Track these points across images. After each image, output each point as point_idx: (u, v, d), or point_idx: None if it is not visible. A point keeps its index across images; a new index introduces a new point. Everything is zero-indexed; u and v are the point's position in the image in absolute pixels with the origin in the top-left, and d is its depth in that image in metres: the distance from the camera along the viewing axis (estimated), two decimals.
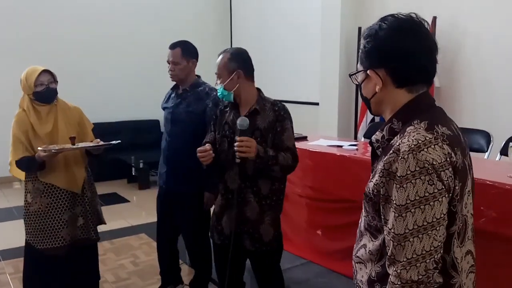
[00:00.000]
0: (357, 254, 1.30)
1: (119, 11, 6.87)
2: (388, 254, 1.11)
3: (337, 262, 2.80)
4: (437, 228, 1.05)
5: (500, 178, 2.04)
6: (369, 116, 4.91)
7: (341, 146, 2.95)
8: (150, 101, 6.47)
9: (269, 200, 2.21)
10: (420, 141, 1.06)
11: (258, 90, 2.26)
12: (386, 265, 1.13)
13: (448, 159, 1.06)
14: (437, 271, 1.07)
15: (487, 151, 3.03)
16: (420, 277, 1.06)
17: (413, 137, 1.08)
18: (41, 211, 2.58)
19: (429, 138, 1.07)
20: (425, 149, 1.05)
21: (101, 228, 4.64)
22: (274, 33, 6.69)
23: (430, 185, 1.04)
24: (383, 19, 1.18)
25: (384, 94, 1.20)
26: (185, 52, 2.70)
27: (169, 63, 2.72)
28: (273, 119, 2.17)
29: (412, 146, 1.06)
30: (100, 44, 6.72)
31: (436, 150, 1.06)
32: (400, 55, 1.15)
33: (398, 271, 1.07)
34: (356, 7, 5.21)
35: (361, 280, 1.27)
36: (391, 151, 1.10)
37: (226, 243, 2.26)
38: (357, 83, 1.29)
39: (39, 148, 2.40)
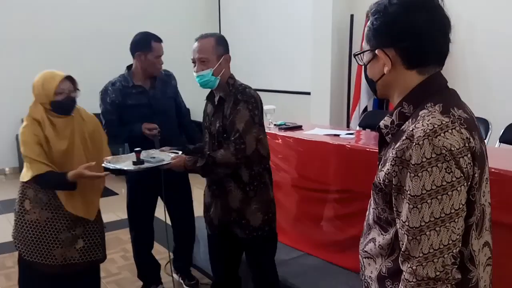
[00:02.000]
0: (365, 249, 1.21)
1: (102, 1, 6.68)
2: (402, 249, 1.02)
3: (335, 254, 2.74)
4: (456, 220, 0.97)
5: (505, 166, 1.99)
6: (361, 105, 4.85)
7: (338, 135, 2.88)
8: None
9: (252, 186, 2.17)
10: (436, 125, 0.97)
11: (230, 75, 2.20)
12: (400, 261, 1.04)
13: (466, 144, 0.98)
14: (456, 266, 0.99)
15: (485, 139, 2.99)
16: (437, 273, 0.98)
17: (428, 121, 0.99)
18: (38, 223, 2.29)
19: (446, 122, 0.99)
20: (442, 134, 0.96)
21: None
22: (265, 22, 6.57)
23: (447, 173, 0.95)
24: None
25: (392, 76, 1.10)
26: None
27: (159, 57, 2.72)
28: (233, 105, 2.12)
29: (428, 131, 0.97)
30: (83, 34, 6.53)
31: (454, 135, 0.97)
32: (412, 33, 1.05)
33: (414, 267, 0.99)
34: None
35: (370, 277, 1.19)
36: (403, 137, 1.01)
37: (216, 233, 2.30)
38: (362, 64, 1.19)
39: (104, 163, 2.11)
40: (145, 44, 2.65)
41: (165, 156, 2.30)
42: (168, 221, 3.17)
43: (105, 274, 3.44)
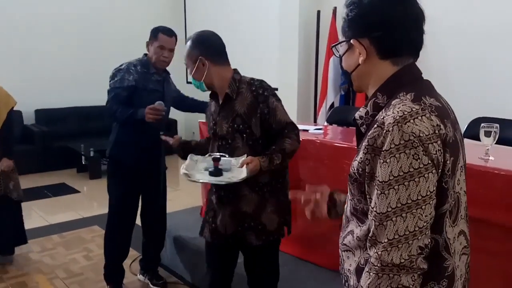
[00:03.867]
0: (343, 242, 1.20)
1: None
2: (370, 234, 1.03)
3: (304, 249, 2.73)
4: (423, 207, 0.97)
5: (471, 160, 2.02)
6: (328, 101, 4.88)
7: (307, 131, 2.87)
8: (99, 86, 6.12)
9: (270, 187, 2.05)
10: (406, 112, 0.98)
11: (234, 71, 2.09)
12: (368, 246, 1.04)
13: (436, 131, 0.99)
14: (422, 256, 0.99)
15: None
16: (402, 261, 0.98)
17: (398, 108, 1.00)
18: None
19: (416, 109, 1.00)
20: (411, 120, 0.97)
21: (49, 221, 4.41)
22: (231, 17, 6.51)
23: (415, 160, 0.96)
24: None
25: (367, 66, 1.12)
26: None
27: (164, 49, 2.72)
28: (252, 101, 1.99)
29: (397, 117, 0.98)
30: (44, 24, 6.30)
31: (423, 121, 0.98)
32: (386, 23, 1.07)
33: (379, 252, 0.99)
34: None
35: (348, 269, 1.17)
36: (375, 125, 1.02)
37: (222, 243, 2.11)
38: (338, 56, 1.20)
39: (183, 171, 1.93)
40: (154, 34, 2.74)
41: (225, 162, 1.96)
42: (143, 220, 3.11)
43: (67, 275, 3.31)
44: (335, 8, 4.80)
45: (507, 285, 1.97)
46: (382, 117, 1.02)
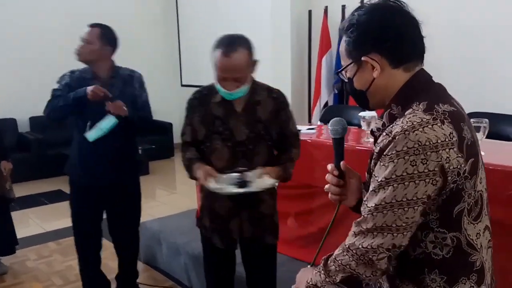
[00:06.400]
0: None
1: None
2: (357, 220, 1.09)
3: (300, 249, 2.73)
4: (405, 209, 1.01)
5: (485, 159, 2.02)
6: (322, 100, 4.89)
7: (299, 131, 2.86)
8: None
9: (275, 190, 2.09)
10: (415, 122, 1.01)
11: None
12: (353, 224, 1.10)
13: (447, 140, 1.00)
14: (387, 256, 1.03)
15: None
16: (369, 247, 1.04)
17: (408, 119, 1.03)
18: None
19: (427, 119, 1.02)
20: (420, 129, 1.00)
21: (46, 228, 4.39)
22: (223, 17, 6.50)
23: (411, 166, 0.99)
24: (356, 10, 1.15)
25: (383, 79, 1.14)
26: (104, 35, 2.62)
27: (83, 39, 2.60)
28: (274, 109, 1.97)
29: (405, 127, 1.01)
30: (38, 33, 6.27)
31: (434, 130, 1.00)
32: (391, 33, 1.11)
33: (356, 232, 1.07)
34: None
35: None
36: (384, 134, 1.06)
37: (234, 248, 2.10)
38: (347, 80, 1.22)
39: (210, 185, 1.91)
40: None
41: (249, 176, 1.91)
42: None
43: (63, 282, 3.30)
44: (326, 7, 4.80)
45: (504, 280, 1.97)
46: (391, 126, 1.06)
